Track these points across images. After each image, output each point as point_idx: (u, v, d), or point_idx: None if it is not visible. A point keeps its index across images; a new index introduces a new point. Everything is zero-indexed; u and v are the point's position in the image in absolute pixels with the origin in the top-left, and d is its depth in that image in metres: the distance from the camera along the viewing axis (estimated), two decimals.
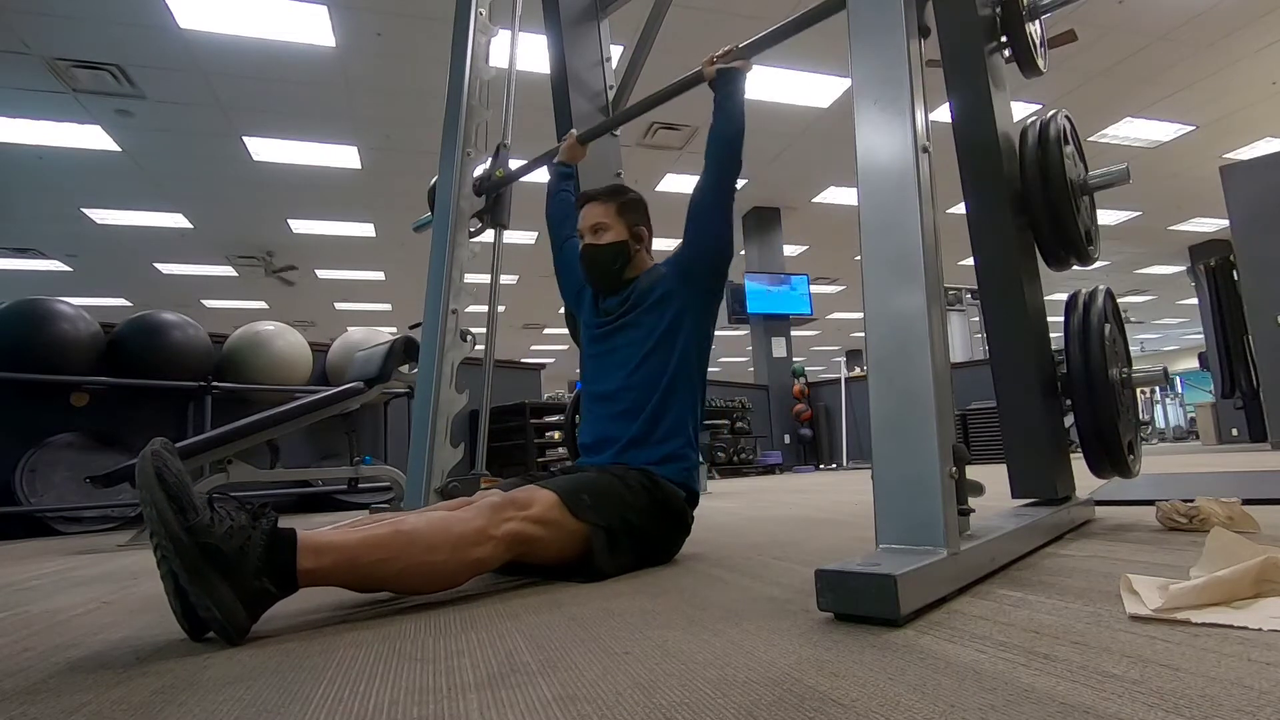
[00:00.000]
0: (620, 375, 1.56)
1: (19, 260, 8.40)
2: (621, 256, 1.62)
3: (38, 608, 1.35)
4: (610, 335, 1.63)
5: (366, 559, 1.02)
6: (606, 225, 1.61)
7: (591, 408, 1.63)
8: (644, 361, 1.54)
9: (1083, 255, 1.67)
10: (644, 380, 1.53)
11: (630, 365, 1.56)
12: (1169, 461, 4.82)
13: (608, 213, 1.62)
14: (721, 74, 1.61)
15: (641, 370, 1.54)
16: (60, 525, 3.60)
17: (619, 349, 1.60)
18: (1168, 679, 0.58)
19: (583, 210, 1.65)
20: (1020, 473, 1.68)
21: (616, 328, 1.62)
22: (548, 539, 1.21)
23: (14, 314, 3.60)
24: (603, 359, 1.63)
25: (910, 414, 0.97)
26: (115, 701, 0.70)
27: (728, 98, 1.59)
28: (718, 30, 4.96)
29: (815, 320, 11.15)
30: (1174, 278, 12.36)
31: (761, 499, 3.48)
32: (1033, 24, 1.73)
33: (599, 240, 1.61)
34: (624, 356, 1.58)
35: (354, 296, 11.17)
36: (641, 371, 1.54)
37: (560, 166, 2.01)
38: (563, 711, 0.59)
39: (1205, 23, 5.14)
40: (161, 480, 0.88)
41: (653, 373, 1.53)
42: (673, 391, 1.52)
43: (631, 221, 1.64)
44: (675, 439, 1.50)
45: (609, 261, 1.61)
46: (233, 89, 5.24)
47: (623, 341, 1.59)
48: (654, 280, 1.61)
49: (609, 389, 1.58)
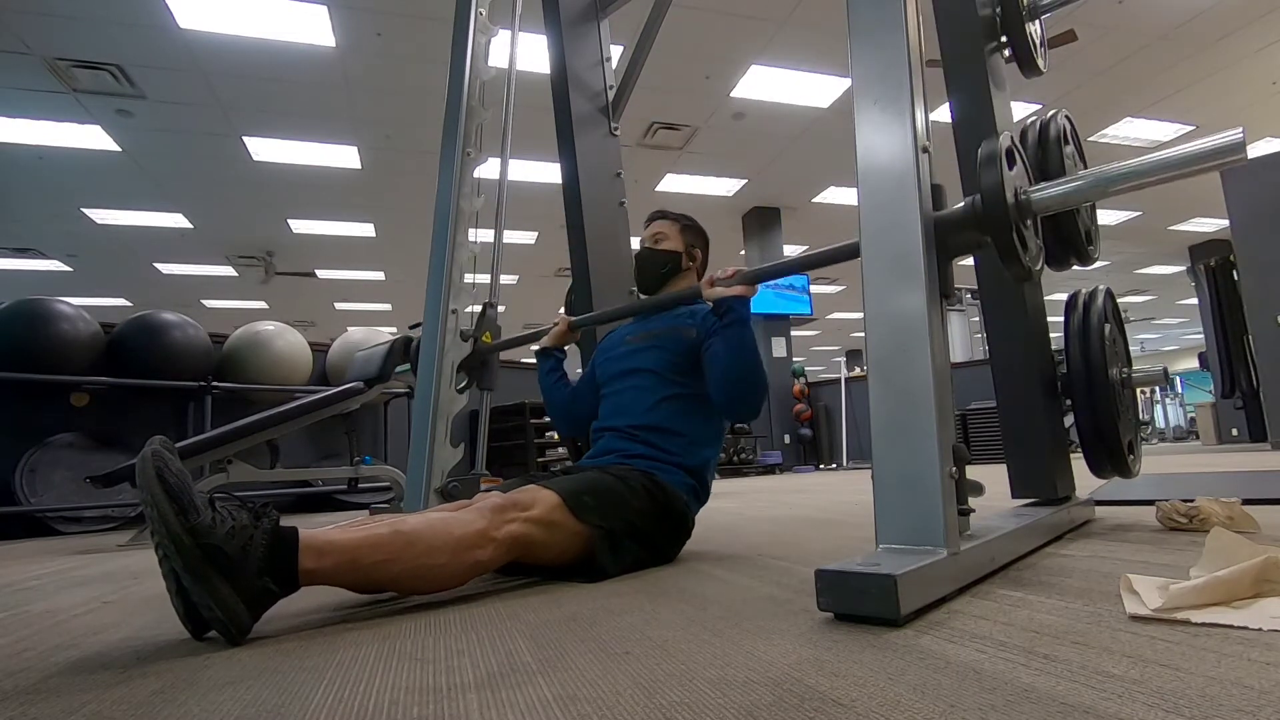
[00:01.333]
0: (638, 411, 1.55)
1: (19, 260, 8.40)
2: (671, 264, 1.71)
3: (38, 608, 1.35)
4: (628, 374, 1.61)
5: (367, 560, 1.02)
6: (666, 235, 1.73)
7: (603, 434, 1.60)
8: (659, 404, 1.53)
9: (1083, 255, 1.67)
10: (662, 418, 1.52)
11: (648, 404, 1.54)
12: (1169, 461, 4.82)
13: (671, 228, 1.74)
14: (721, 305, 1.44)
15: (660, 409, 1.53)
16: (60, 525, 3.60)
17: (634, 389, 1.58)
18: (1168, 679, 0.58)
19: (650, 224, 1.76)
20: (1020, 473, 1.68)
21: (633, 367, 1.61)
22: (549, 540, 1.21)
23: (14, 314, 3.60)
24: (616, 398, 1.62)
25: (910, 414, 0.97)
26: (115, 701, 0.70)
27: (728, 335, 1.43)
28: (718, 30, 4.97)
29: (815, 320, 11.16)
30: (1174, 278, 12.36)
31: (761, 499, 3.48)
32: (1033, 24, 1.73)
33: (656, 245, 1.72)
34: (636, 396, 1.57)
35: (354, 296, 11.17)
36: (660, 410, 1.53)
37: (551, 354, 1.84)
38: (563, 711, 0.59)
39: (1205, 23, 5.14)
40: (162, 480, 0.88)
41: (671, 412, 1.53)
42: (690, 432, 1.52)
43: (689, 241, 1.75)
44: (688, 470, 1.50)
45: (659, 265, 1.72)
46: (233, 89, 5.24)
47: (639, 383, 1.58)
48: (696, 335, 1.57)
49: (623, 424, 1.55)
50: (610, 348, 1.73)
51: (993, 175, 1.05)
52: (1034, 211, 1.13)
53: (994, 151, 1.07)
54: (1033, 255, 1.14)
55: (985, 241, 1.07)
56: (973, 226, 1.07)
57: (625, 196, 2.61)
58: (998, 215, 1.05)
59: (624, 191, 2.63)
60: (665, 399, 1.54)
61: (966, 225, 1.07)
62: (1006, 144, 1.09)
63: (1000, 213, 1.05)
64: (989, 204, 1.05)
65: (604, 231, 2.47)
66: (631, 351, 1.64)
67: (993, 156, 1.06)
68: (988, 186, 1.05)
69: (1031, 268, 1.13)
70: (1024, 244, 1.10)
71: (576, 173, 2.47)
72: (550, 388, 1.81)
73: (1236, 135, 0.96)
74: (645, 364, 1.60)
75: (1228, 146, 0.96)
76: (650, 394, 1.55)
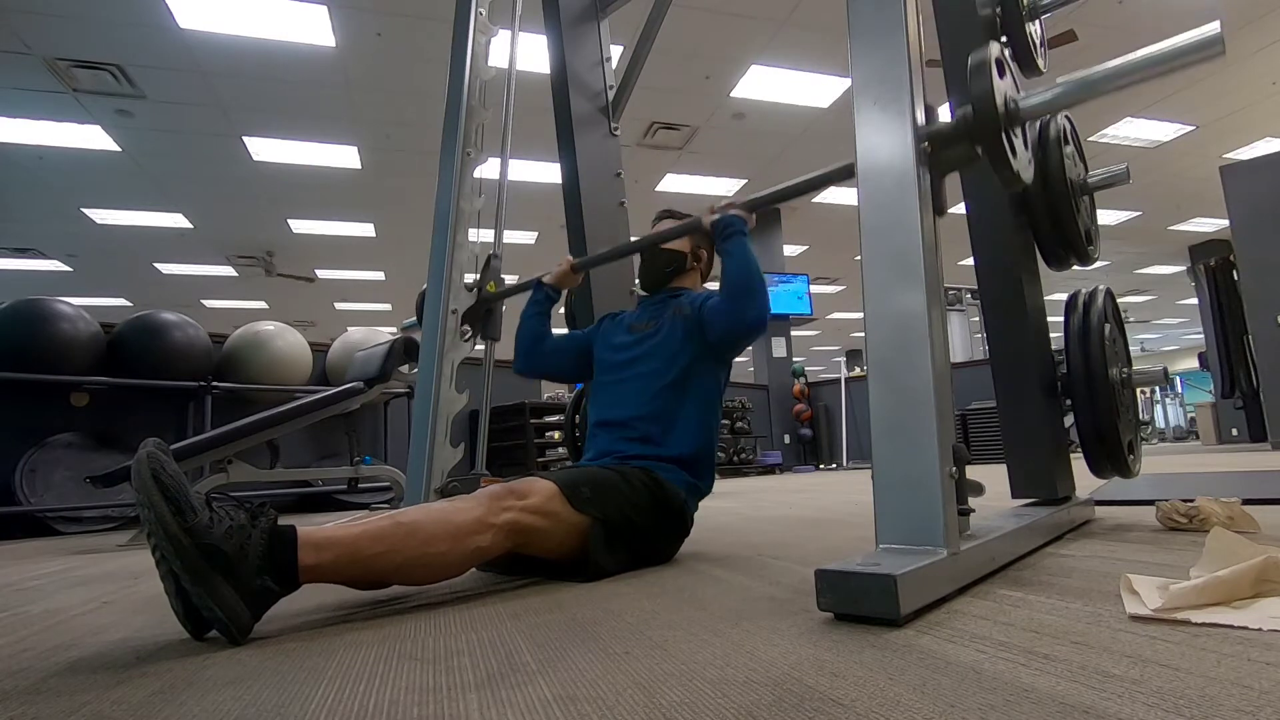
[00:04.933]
0: (636, 403, 1.54)
1: (19, 260, 8.40)
2: (676, 263, 1.72)
3: (38, 608, 1.35)
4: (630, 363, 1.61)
5: (367, 552, 1.02)
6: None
7: (598, 433, 1.60)
8: (661, 392, 1.53)
9: (1083, 255, 1.67)
10: (659, 410, 1.52)
11: (647, 394, 1.54)
12: (1169, 461, 4.82)
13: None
14: (719, 223, 1.55)
15: (658, 400, 1.53)
16: (60, 525, 3.60)
17: (637, 377, 1.58)
18: (1168, 679, 0.58)
19: (657, 224, 1.76)
20: (1020, 473, 1.68)
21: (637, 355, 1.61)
22: (547, 529, 1.21)
23: (14, 314, 3.60)
24: (617, 387, 1.61)
25: (910, 414, 0.96)
26: (115, 701, 0.70)
27: (729, 249, 1.52)
28: (718, 30, 4.97)
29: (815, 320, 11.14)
30: (1174, 278, 12.35)
31: (761, 499, 3.48)
32: (1033, 24, 1.73)
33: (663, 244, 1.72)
34: (640, 386, 1.56)
35: (354, 296, 11.17)
36: (658, 401, 1.53)
37: (545, 289, 1.88)
38: (563, 711, 0.59)
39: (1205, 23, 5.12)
40: (159, 482, 0.88)
41: (669, 403, 1.52)
42: (689, 422, 1.52)
43: (695, 243, 1.74)
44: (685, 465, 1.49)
45: (664, 264, 1.72)
46: (233, 89, 5.24)
47: (642, 370, 1.58)
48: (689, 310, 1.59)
49: (621, 416, 1.55)
50: (611, 334, 1.73)
51: (983, 82, 1.04)
52: (1023, 118, 1.12)
53: (984, 59, 1.06)
54: (1022, 163, 1.14)
55: (976, 153, 1.08)
56: (965, 136, 1.07)
57: (625, 196, 2.61)
58: (989, 122, 1.04)
59: (624, 191, 2.63)
60: (665, 387, 1.54)
61: (959, 136, 1.08)
62: (996, 53, 1.08)
63: (991, 119, 1.04)
64: (980, 111, 1.04)
65: (604, 231, 2.47)
66: (634, 342, 1.64)
67: (983, 64, 1.05)
68: (978, 93, 1.04)
69: (1020, 173, 1.12)
70: (1014, 150, 1.10)
71: (576, 173, 2.47)
72: (529, 318, 1.83)
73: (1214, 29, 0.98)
74: (645, 354, 1.60)
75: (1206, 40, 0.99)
76: (650, 384, 1.55)
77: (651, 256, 1.74)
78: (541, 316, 1.84)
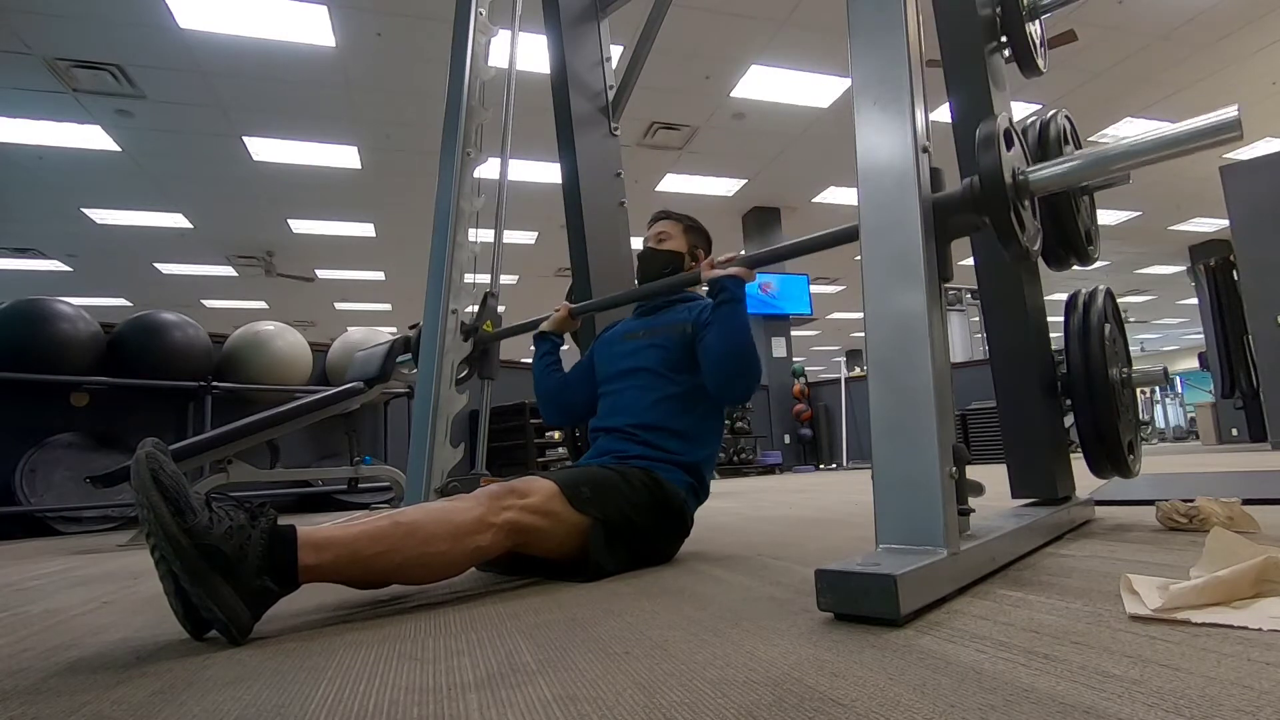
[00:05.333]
0: (635, 411, 1.54)
1: (19, 260, 8.40)
2: (674, 264, 1.72)
3: (38, 608, 1.35)
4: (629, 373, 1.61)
5: (367, 551, 1.02)
6: (670, 235, 1.74)
7: (599, 436, 1.60)
8: (660, 402, 1.53)
9: (1083, 255, 1.67)
10: (660, 419, 1.52)
11: (646, 402, 1.54)
12: (1169, 461, 4.82)
13: (675, 228, 1.75)
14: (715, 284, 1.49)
15: (658, 409, 1.53)
16: (60, 525, 3.60)
17: (635, 388, 1.58)
18: (1168, 679, 0.58)
19: (654, 224, 1.77)
20: (1020, 473, 1.68)
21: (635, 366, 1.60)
22: (547, 529, 1.21)
23: (14, 314, 3.60)
24: (616, 396, 1.61)
25: (910, 414, 0.96)
26: (115, 701, 0.70)
27: (721, 315, 1.46)
28: (718, 30, 4.97)
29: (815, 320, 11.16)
30: (1174, 278, 12.36)
31: (761, 499, 3.48)
32: (1033, 24, 1.73)
33: (659, 245, 1.73)
34: (638, 395, 1.56)
35: (354, 296, 11.17)
36: (658, 410, 1.53)
37: (548, 338, 1.86)
38: (563, 711, 0.59)
39: (1205, 23, 5.14)
40: (158, 482, 0.88)
41: (670, 414, 1.52)
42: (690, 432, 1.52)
43: (693, 242, 1.75)
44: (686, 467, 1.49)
45: (662, 265, 1.72)
46: (233, 89, 5.24)
47: (641, 381, 1.58)
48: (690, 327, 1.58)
49: (622, 423, 1.55)
50: (610, 343, 1.73)
51: (991, 155, 1.04)
52: (1031, 192, 1.12)
53: (992, 132, 1.06)
54: (1030, 235, 1.13)
55: (983, 223, 1.06)
56: (971, 208, 1.06)
57: (625, 196, 2.61)
58: (996, 195, 1.03)
59: (624, 191, 2.63)
60: (664, 398, 1.54)
61: (965, 206, 1.06)
62: (1004, 125, 1.08)
63: (998, 193, 1.03)
64: (987, 184, 1.04)
65: (604, 231, 2.47)
66: (631, 351, 1.64)
67: (991, 137, 1.06)
68: (986, 167, 1.04)
69: (1029, 247, 1.12)
70: (1021, 224, 1.09)
71: (576, 173, 2.47)
72: (542, 371, 1.81)
73: (1231, 113, 0.96)
74: (644, 363, 1.59)
75: (1224, 124, 0.97)
76: (649, 393, 1.55)
77: (650, 257, 1.73)
78: (554, 368, 1.81)
